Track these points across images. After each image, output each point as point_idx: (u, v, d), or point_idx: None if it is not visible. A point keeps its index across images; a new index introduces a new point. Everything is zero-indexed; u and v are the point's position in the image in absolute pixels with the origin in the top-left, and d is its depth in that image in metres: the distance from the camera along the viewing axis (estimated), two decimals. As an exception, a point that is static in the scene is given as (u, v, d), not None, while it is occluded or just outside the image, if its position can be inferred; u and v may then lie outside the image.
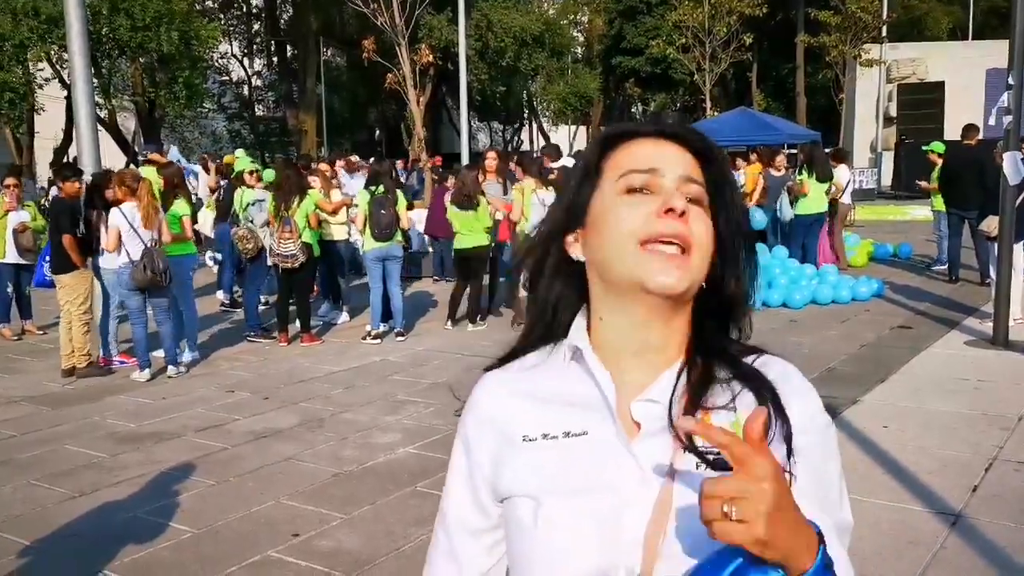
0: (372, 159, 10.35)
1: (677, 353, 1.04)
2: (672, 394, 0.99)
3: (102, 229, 7.65)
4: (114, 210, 7.31)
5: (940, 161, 11.97)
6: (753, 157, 13.90)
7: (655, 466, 0.96)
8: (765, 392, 0.98)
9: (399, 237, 8.80)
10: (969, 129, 11.03)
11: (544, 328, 1.10)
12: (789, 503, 0.81)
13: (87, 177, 8.21)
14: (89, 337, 7.67)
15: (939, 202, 11.92)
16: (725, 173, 1.05)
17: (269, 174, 10.09)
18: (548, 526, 0.98)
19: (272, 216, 8.62)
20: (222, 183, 10.83)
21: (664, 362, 1.03)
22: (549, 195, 8.76)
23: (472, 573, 1.10)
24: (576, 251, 1.06)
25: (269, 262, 9.03)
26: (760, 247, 10.89)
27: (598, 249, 1.02)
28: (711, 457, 0.93)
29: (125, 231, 7.26)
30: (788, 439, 0.96)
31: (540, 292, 1.10)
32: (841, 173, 12.63)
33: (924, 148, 12.59)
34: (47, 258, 8.30)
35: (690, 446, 0.94)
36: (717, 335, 1.05)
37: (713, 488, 0.79)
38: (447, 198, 10.04)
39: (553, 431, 1.03)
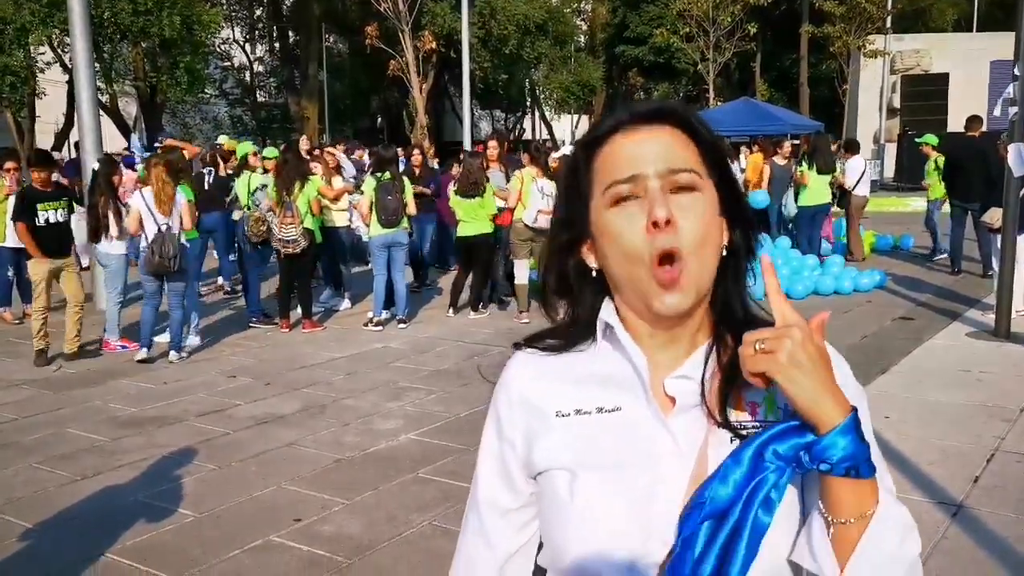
0: (380, 146, 10.30)
1: (706, 329, 1.05)
2: (704, 371, 1.01)
3: (109, 215, 7.63)
4: (136, 193, 7.38)
5: (933, 153, 11.99)
6: (756, 148, 13.88)
7: (690, 440, 0.99)
8: None
9: (405, 224, 8.79)
10: (973, 120, 11.00)
11: (578, 328, 1.11)
12: (820, 359, 0.90)
13: (94, 164, 8.19)
14: (41, 327, 7.58)
15: (934, 191, 11.94)
16: (711, 134, 1.04)
17: (270, 151, 10.14)
18: (584, 498, 1.00)
19: (274, 201, 8.60)
20: (204, 171, 10.72)
21: (694, 339, 1.05)
22: (549, 184, 8.75)
23: (502, 551, 1.12)
24: (591, 260, 1.06)
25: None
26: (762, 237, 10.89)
27: (605, 262, 1.03)
28: (744, 432, 0.97)
29: (145, 215, 7.29)
30: None
31: (570, 299, 1.11)
32: (855, 164, 12.57)
33: (917, 140, 12.54)
34: None
35: (724, 421, 0.98)
36: (743, 309, 1.06)
37: (751, 333, 0.92)
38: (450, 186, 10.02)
39: (586, 407, 1.04)
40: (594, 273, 1.06)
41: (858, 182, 12.36)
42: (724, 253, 1.03)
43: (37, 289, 7.76)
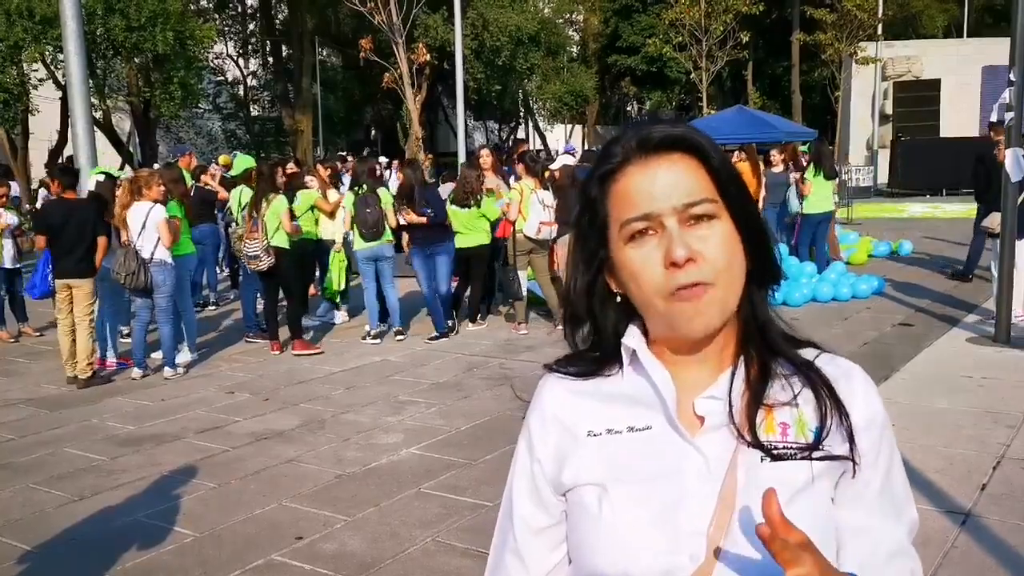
0: (356, 159, 10.18)
1: (732, 347, 1.05)
2: (730, 389, 1.01)
3: (120, 231, 7.59)
4: (129, 210, 7.36)
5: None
6: (742, 157, 13.26)
7: (719, 459, 0.99)
8: (822, 389, 1.01)
9: (389, 236, 8.67)
10: (997, 124, 10.71)
11: (605, 346, 1.11)
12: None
13: (91, 184, 8.13)
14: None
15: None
16: (722, 159, 1.01)
17: (245, 160, 10.10)
18: (613, 512, 1.01)
19: (247, 215, 8.40)
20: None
21: (721, 357, 1.05)
22: (548, 195, 8.73)
23: (539, 570, 1.11)
24: (613, 286, 1.06)
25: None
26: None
27: (629, 293, 1.03)
28: (775, 452, 0.98)
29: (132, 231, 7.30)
30: (850, 435, 0.99)
31: (593, 322, 1.10)
32: None
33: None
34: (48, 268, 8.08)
35: (753, 441, 0.98)
36: (771, 328, 1.06)
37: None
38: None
39: (617, 426, 1.05)
40: (618, 299, 1.06)
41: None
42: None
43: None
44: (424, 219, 8.50)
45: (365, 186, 8.56)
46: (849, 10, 27.80)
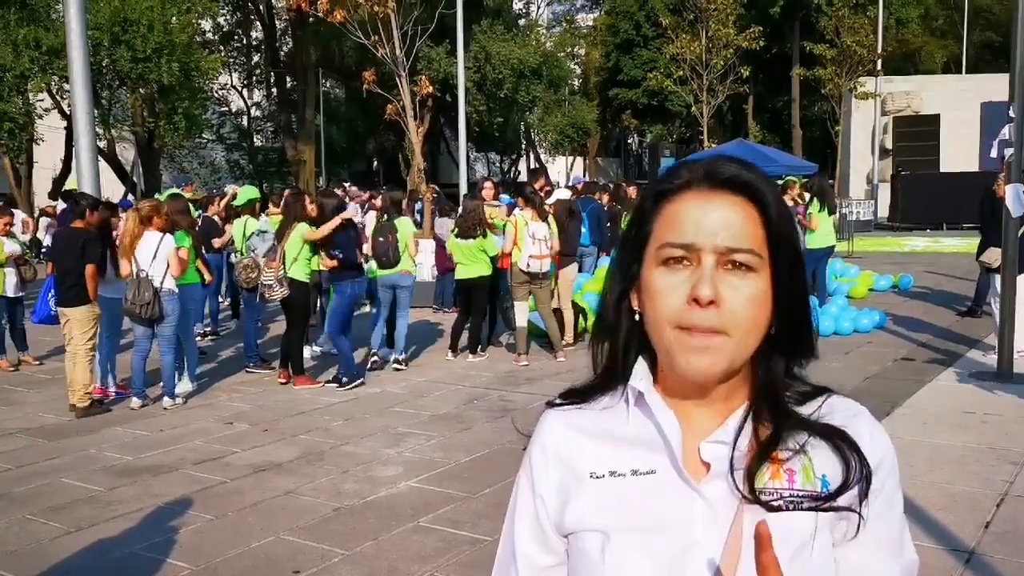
0: (385, 187, 10.27)
1: (745, 396, 1.03)
2: (736, 437, 0.99)
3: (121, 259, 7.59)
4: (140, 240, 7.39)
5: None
6: None
7: (725, 507, 0.97)
8: (838, 439, 0.99)
9: (408, 266, 8.75)
10: None
11: (614, 369, 1.08)
12: None
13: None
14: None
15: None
16: (783, 219, 0.99)
17: (250, 191, 10.12)
18: (616, 562, 0.98)
19: (278, 243, 8.46)
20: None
21: (729, 402, 1.02)
22: (540, 228, 8.75)
23: None
24: (635, 303, 1.04)
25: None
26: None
27: (644, 314, 1.01)
28: (778, 504, 0.95)
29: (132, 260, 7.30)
30: (864, 491, 0.97)
31: (611, 335, 1.08)
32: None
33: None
34: (51, 292, 8.08)
35: (752, 497, 0.95)
36: (782, 377, 1.03)
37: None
38: (447, 228, 10.02)
39: (621, 469, 1.02)
40: (636, 316, 1.04)
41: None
42: (771, 332, 0.99)
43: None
44: (335, 262, 8.17)
45: (387, 216, 8.72)
46: (848, 46, 28.11)
